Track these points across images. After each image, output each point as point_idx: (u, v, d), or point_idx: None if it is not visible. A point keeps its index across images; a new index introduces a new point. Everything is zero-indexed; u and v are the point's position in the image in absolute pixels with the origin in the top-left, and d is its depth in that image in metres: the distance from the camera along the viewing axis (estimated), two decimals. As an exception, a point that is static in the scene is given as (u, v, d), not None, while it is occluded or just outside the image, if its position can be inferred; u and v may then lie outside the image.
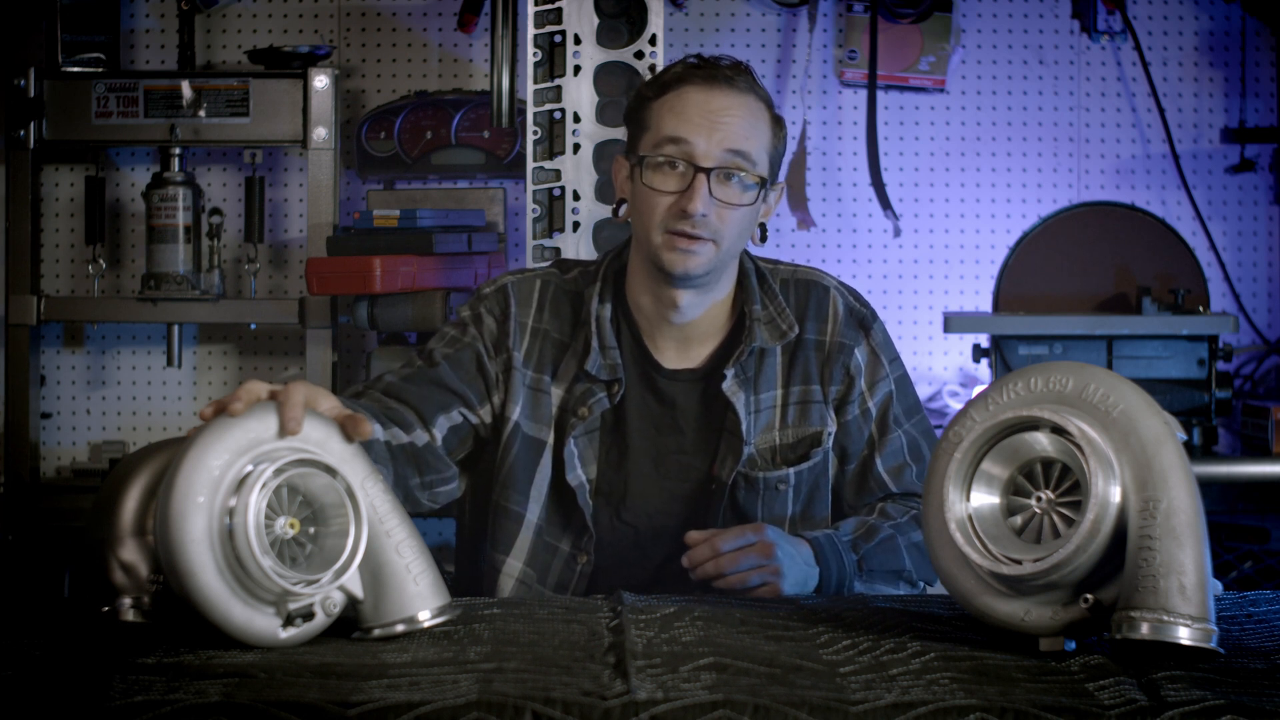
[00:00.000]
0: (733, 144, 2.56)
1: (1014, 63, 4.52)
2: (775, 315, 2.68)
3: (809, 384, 2.68)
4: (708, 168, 2.54)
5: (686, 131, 2.56)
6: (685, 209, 2.54)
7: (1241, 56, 4.50)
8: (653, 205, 2.57)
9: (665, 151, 2.57)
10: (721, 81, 2.59)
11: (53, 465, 4.45)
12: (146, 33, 4.45)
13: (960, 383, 4.48)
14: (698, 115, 2.57)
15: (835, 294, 2.72)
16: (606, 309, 2.68)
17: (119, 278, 4.45)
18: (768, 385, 2.67)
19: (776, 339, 2.67)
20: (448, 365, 2.65)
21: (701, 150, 2.55)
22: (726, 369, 2.64)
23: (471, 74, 4.46)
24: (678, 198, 2.55)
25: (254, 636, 1.97)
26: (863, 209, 4.49)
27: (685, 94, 2.59)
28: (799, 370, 2.68)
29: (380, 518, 2.05)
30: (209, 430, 1.98)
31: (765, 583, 2.48)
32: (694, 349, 2.68)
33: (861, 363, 2.70)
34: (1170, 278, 4.23)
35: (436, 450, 2.61)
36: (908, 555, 2.62)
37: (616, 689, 1.76)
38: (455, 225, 4.15)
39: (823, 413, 2.68)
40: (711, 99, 2.58)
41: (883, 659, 1.94)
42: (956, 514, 2.03)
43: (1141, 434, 1.96)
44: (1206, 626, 1.90)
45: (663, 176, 2.57)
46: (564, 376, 2.67)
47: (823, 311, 2.70)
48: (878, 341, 2.72)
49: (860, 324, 2.72)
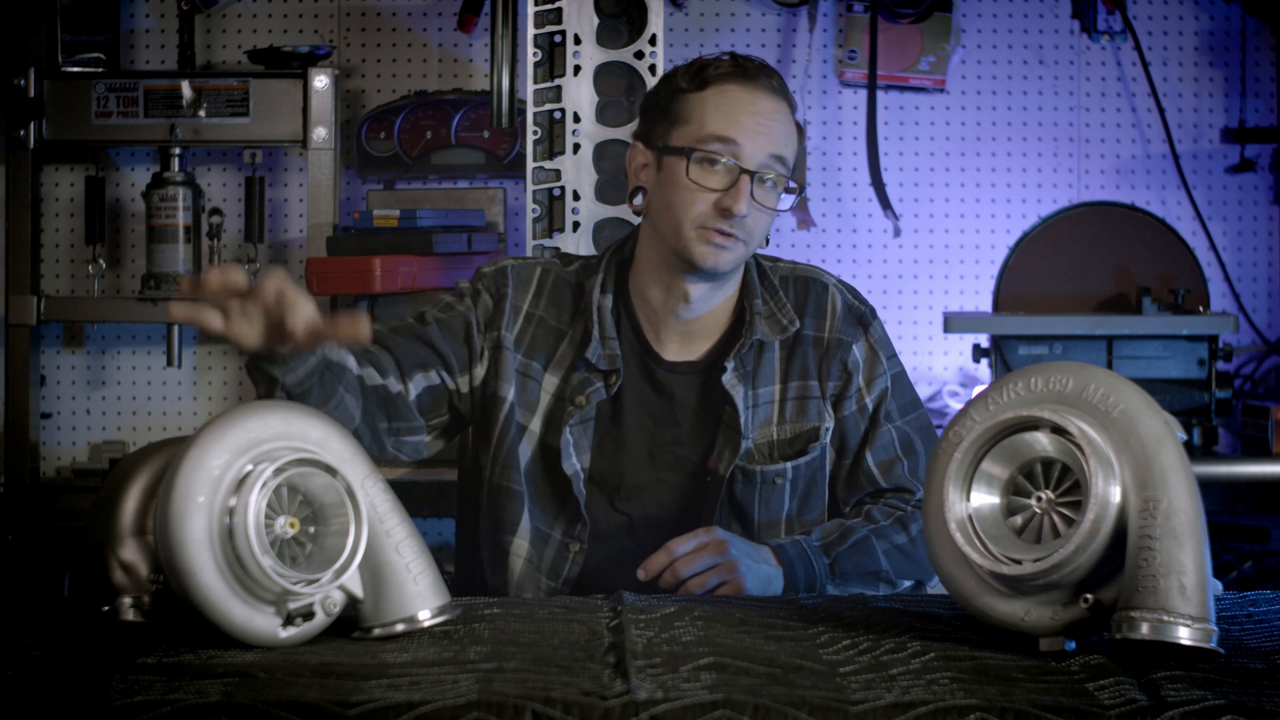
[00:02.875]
0: (775, 149, 2.60)
1: (1014, 63, 4.52)
2: (775, 310, 2.70)
3: (807, 379, 2.69)
4: (752, 170, 2.57)
5: (735, 132, 2.58)
6: (730, 209, 2.56)
7: (1241, 56, 4.50)
8: (691, 200, 2.59)
9: (713, 149, 2.58)
10: (764, 84, 2.62)
11: (53, 465, 4.44)
12: (146, 33, 4.45)
13: (960, 383, 4.48)
14: (746, 117, 2.59)
15: (834, 291, 2.73)
16: (609, 299, 2.69)
17: (119, 278, 4.45)
18: (766, 380, 2.68)
19: (777, 333, 2.68)
20: (437, 327, 2.70)
21: (748, 152, 2.58)
22: (726, 361, 2.66)
23: (471, 74, 4.46)
24: (721, 196, 2.57)
25: (254, 636, 1.97)
26: (863, 209, 4.49)
27: (730, 93, 2.61)
28: (797, 365, 2.69)
29: (380, 517, 2.05)
30: (209, 430, 1.98)
31: (724, 581, 2.49)
32: (696, 343, 2.70)
33: (859, 359, 2.71)
34: (1170, 278, 4.23)
35: (408, 402, 2.64)
36: (885, 557, 2.62)
37: (616, 689, 1.76)
38: (455, 225, 4.15)
39: (820, 408, 2.69)
40: (757, 101, 2.61)
41: (883, 659, 1.94)
42: (956, 514, 2.03)
43: (1141, 434, 1.96)
44: (1206, 626, 1.90)
45: (707, 173, 2.59)
46: (559, 365, 2.69)
47: (821, 308, 2.72)
48: (876, 338, 2.73)
49: (859, 320, 2.73)
